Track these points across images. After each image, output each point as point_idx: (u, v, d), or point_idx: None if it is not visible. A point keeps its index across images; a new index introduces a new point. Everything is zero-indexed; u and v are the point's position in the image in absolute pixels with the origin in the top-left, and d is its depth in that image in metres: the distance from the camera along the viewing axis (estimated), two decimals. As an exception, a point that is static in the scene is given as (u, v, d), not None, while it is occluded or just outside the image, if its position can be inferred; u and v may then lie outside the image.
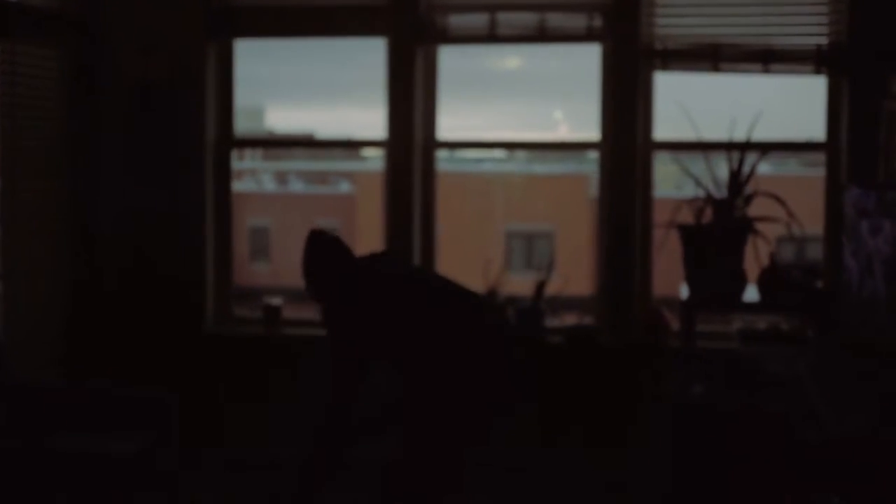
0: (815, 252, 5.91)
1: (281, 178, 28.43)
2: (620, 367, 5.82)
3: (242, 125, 6.28)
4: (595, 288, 6.05)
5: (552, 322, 6.04)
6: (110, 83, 6.12)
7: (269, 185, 27.97)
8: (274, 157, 29.75)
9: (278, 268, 25.93)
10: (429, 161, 6.09)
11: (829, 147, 5.78)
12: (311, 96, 34.47)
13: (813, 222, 5.71)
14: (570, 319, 6.32)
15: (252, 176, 28.23)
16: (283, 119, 32.15)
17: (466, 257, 7.06)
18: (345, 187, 27.02)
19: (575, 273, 6.39)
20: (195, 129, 6.11)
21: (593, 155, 5.99)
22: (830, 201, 5.77)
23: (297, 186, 27.77)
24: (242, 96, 6.26)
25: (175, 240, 6.13)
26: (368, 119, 6.17)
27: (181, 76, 6.09)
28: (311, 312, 5.84)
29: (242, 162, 28.17)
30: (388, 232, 6.08)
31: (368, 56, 6.10)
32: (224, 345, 6.14)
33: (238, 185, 23.12)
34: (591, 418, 5.83)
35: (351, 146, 6.41)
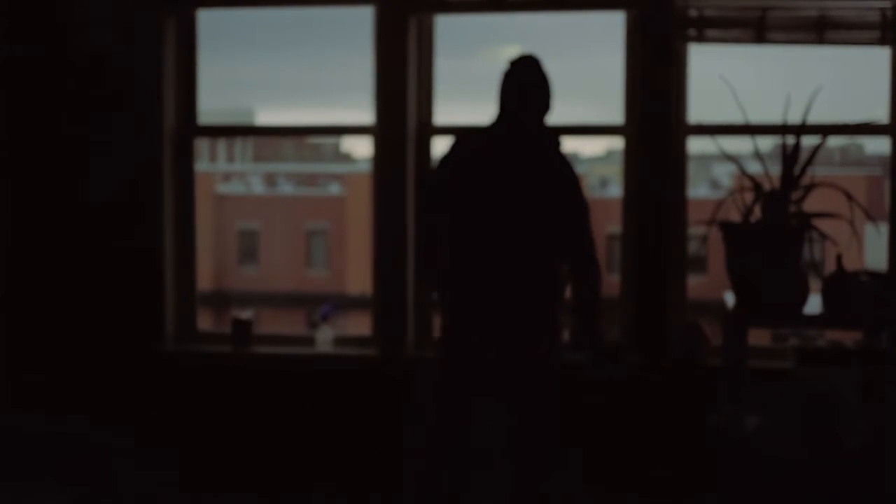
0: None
1: (270, 180, 27.51)
2: (652, 392, 4.78)
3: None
4: (619, 296, 5.00)
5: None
6: (55, 60, 5.07)
7: (258, 187, 27.04)
8: (263, 159, 28.87)
9: (267, 271, 25.00)
10: (424, 149, 5.05)
11: (893, 130, 4.76)
12: (301, 99, 33.55)
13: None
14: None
15: (240, 178, 27.29)
16: (273, 121, 31.22)
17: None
18: (334, 189, 26.12)
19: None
20: (151, 114, 5.06)
21: (587, 154, 4.93)
22: (896, 193, 4.76)
23: (286, 188, 26.87)
24: (232, 98, 5.27)
25: (129, 242, 5.08)
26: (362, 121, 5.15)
27: (135, 52, 5.05)
28: (300, 321, 4.76)
29: (231, 164, 27.39)
30: (378, 230, 5.04)
31: (365, 57, 5.06)
32: (185, 367, 5.08)
33: (226, 188, 22.40)
34: (616, 457, 4.79)
35: (333, 133, 5.38)
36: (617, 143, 5.03)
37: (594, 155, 26.94)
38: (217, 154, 27.36)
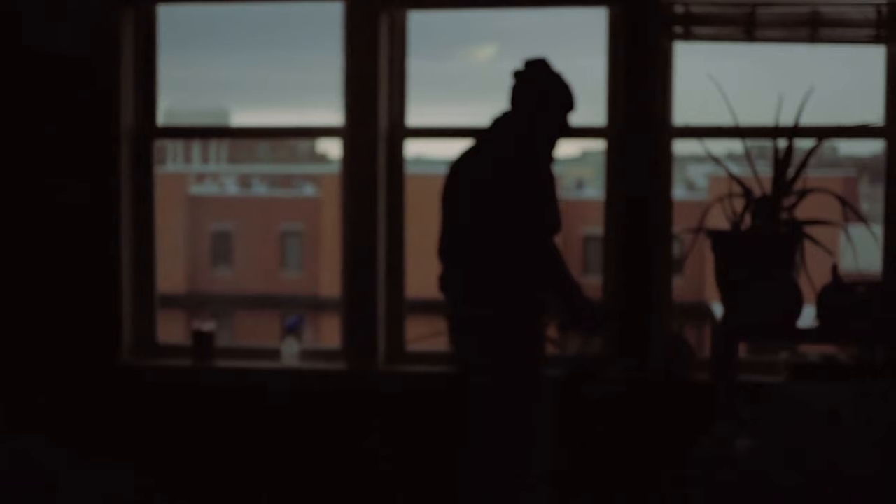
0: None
1: (244, 181, 27.11)
2: (637, 407, 4.50)
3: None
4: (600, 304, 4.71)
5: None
6: (4, 56, 4.74)
7: (232, 188, 26.63)
8: (238, 160, 28.47)
9: (241, 273, 24.61)
10: (396, 152, 4.75)
11: (889, 132, 4.50)
12: (277, 100, 33.24)
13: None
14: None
15: (214, 179, 26.89)
16: (248, 122, 30.86)
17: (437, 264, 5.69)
18: (309, 190, 25.75)
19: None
20: (108, 113, 4.74)
21: (563, 156, 4.64)
22: (891, 198, 4.50)
23: (260, 189, 26.47)
24: (208, 99, 4.95)
25: (84, 248, 4.76)
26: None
27: (91, 49, 4.72)
28: (275, 323, 4.46)
29: (206, 165, 26.99)
30: (348, 235, 4.74)
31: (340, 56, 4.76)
32: (144, 382, 4.76)
33: (200, 189, 22.02)
34: (599, 477, 4.51)
35: (302, 134, 5.07)
36: (592, 144, 4.75)
37: (569, 156, 26.67)
38: (191, 155, 26.98)
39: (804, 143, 4.26)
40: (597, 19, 4.65)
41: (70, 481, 4.52)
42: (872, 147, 37.58)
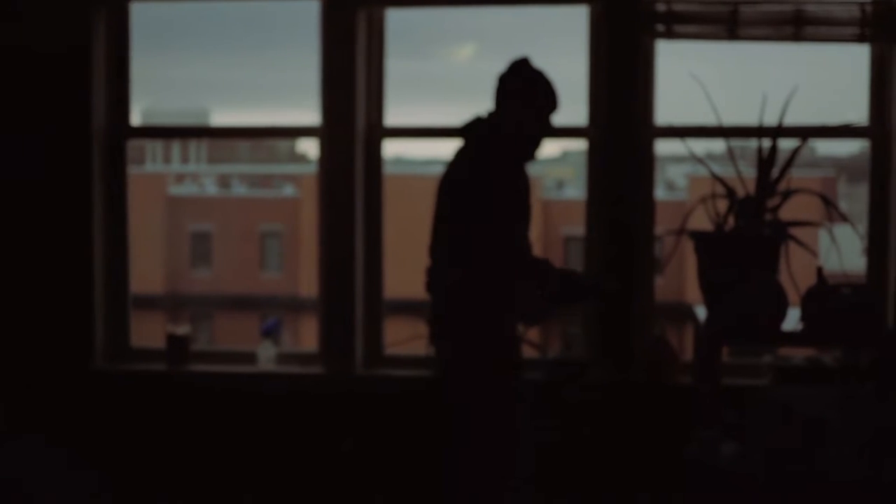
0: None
1: (223, 181, 26.93)
2: (618, 413, 4.43)
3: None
4: (582, 307, 4.64)
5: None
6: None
7: (211, 188, 26.45)
8: (217, 160, 28.31)
9: (221, 274, 24.44)
10: (374, 152, 4.66)
11: (873, 132, 4.44)
12: (256, 99, 33.10)
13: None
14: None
15: (194, 180, 26.71)
16: (227, 122, 30.66)
17: (416, 266, 5.60)
18: (289, 191, 25.60)
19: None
20: (79, 113, 4.64)
21: (543, 156, 4.54)
22: (875, 198, 4.44)
23: (239, 190, 26.30)
24: (188, 99, 4.85)
25: (55, 251, 4.66)
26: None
27: (62, 47, 4.62)
28: (254, 324, 4.35)
29: (186, 165, 26.83)
30: (325, 237, 4.66)
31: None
32: (117, 387, 4.66)
33: (179, 189, 21.77)
34: (581, 484, 4.44)
35: (279, 134, 4.96)
36: (573, 144, 4.68)
37: (550, 156, 26.62)
38: (171, 155, 26.79)
39: (787, 143, 4.20)
40: (578, 17, 4.58)
41: (43, 487, 4.42)
42: (850, 147, 37.70)
